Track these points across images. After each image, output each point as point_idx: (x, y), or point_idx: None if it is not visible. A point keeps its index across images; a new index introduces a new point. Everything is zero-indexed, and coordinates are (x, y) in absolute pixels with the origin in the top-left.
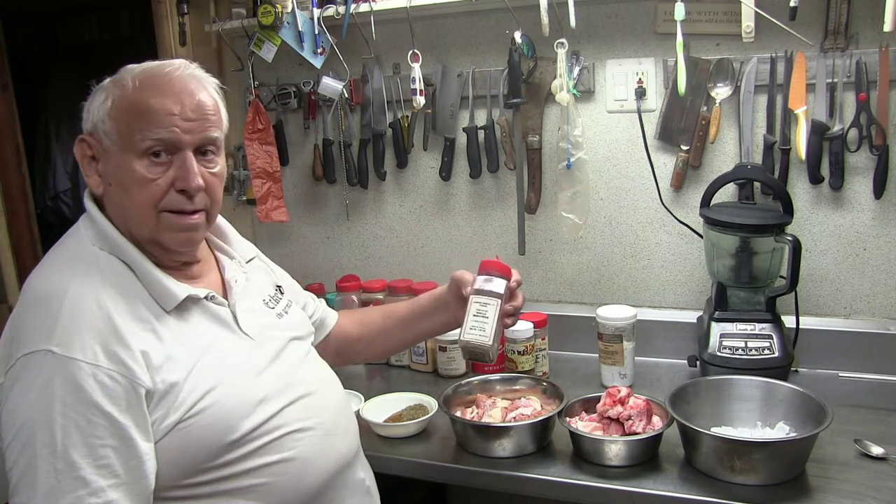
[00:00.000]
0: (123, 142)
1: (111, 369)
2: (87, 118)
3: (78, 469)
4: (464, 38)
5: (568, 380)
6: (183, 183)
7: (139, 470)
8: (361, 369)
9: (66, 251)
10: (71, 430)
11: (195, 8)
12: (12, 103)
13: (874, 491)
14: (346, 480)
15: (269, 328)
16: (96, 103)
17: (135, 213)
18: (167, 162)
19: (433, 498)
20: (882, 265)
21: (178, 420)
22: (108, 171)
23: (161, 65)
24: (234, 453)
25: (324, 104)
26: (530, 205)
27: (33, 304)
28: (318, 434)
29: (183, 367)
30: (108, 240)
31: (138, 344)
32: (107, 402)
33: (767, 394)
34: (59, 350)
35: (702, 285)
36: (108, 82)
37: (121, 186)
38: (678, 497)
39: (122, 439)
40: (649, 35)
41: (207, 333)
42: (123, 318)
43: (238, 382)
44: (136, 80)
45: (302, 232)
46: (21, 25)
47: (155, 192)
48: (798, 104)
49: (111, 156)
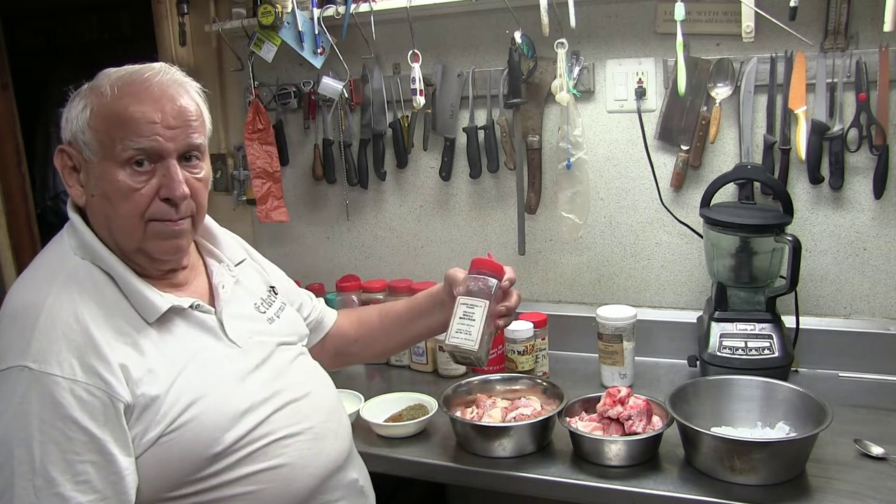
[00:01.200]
0: (104, 151)
1: (89, 384)
2: (66, 127)
3: (57, 486)
4: (464, 38)
5: (568, 380)
6: (168, 192)
7: (119, 485)
8: (361, 369)
9: (46, 262)
10: (49, 446)
11: (195, 8)
12: (12, 103)
13: (874, 491)
14: (338, 482)
15: (257, 334)
16: (74, 112)
17: (120, 224)
18: (150, 170)
19: (433, 498)
20: (882, 265)
21: (159, 434)
22: (91, 182)
23: (139, 69)
24: (218, 464)
25: (324, 104)
26: (530, 205)
27: (9, 319)
28: (306, 439)
29: (164, 379)
30: (90, 250)
31: (117, 357)
32: (85, 418)
33: (767, 394)
34: (35, 366)
35: (702, 285)
36: (85, 89)
37: (104, 197)
38: (678, 497)
39: (102, 454)
40: (649, 35)
41: (191, 344)
42: (102, 332)
43: (222, 393)
44: (114, 86)
45: (302, 232)
46: (21, 25)
47: (140, 202)
48: (798, 104)
49: (93, 166)
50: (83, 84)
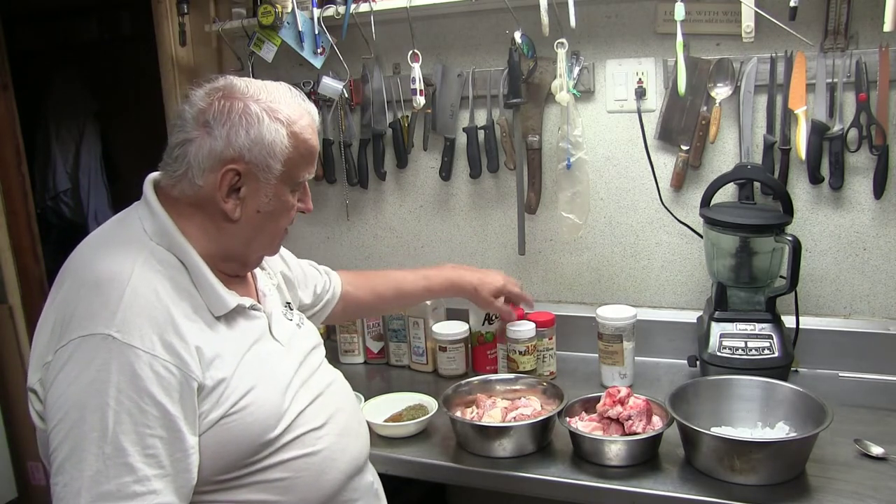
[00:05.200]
0: (285, 177)
1: (167, 360)
2: (245, 146)
3: (126, 455)
4: (464, 38)
5: (568, 380)
6: (305, 207)
7: (184, 462)
8: (361, 369)
9: (122, 237)
10: (123, 416)
11: (195, 8)
12: (12, 103)
13: (874, 491)
14: (358, 483)
15: (295, 336)
16: (265, 136)
17: (270, 235)
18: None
19: (433, 498)
20: (882, 265)
21: (221, 415)
22: (260, 200)
23: (295, 97)
24: (268, 450)
25: (324, 104)
26: (530, 205)
27: (93, 286)
28: (334, 433)
29: (230, 365)
30: (170, 238)
31: (193, 339)
32: (160, 393)
33: (767, 394)
34: (119, 336)
35: (702, 285)
36: (270, 112)
37: (270, 214)
38: (678, 497)
39: (172, 431)
40: (649, 35)
41: (248, 337)
42: (180, 313)
43: (274, 383)
44: (297, 115)
45: (302, 232)
46: (21, 25)
47: (292, 216)
48: (798, 104)
49: (268, 187)
50: (203, 89)
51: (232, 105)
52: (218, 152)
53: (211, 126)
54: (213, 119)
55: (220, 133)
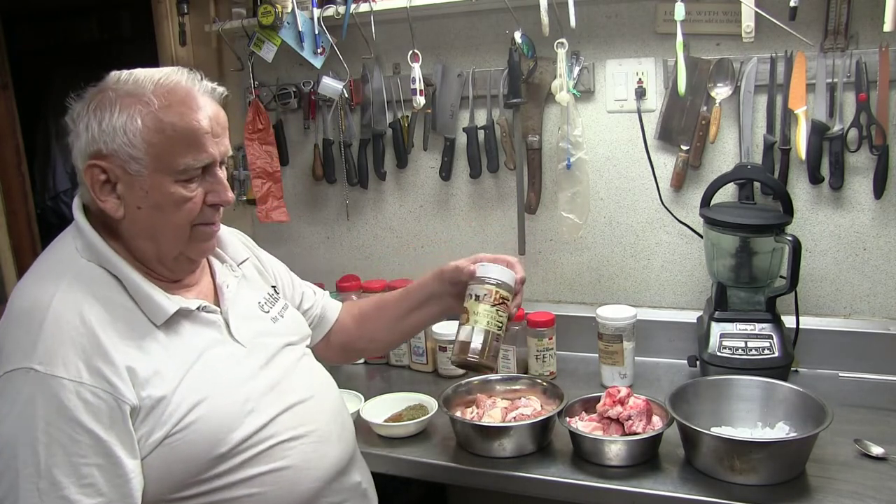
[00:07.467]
0: (158, 164)
1: (95, 386)
2: (100, 138)
3: (62, 488)
4: (464, 38)
5: (568, 380)
6: (216, 198)
7: (125, 488)
8: (361, 369)
9: (51, 263)
10: (54, 448)
11: (195, 8)
12: (12, 103)
13: (874, 491)
14: (340, 486)
15: (262, 334)
16: (116, 123)
17: (170, 232)
18: (198, 178)
19: (433, 498)
20: (882, 265)
21: (164, 435)
22: (136, 195)
23: (173, 77)
24: (223, 465)
25: (324, 104)
26: (530, 205)
27: (14, 319)
28: (310, 442)
29: (171, 381)
30: (97, 252)
31: (123, 360)
32: (91, 420)
33: (767, 394)
34: (41, 367)
35: (702, 285)
36: (125, 98)
37: (155, 209)
38: (678, 497)
39: (107, 457)
40: (649, 35)
41: (198, 344)
42: (108, 334)
43: (227, 393)
44: (160, 97)
45: (302, 232)
46: (21, 25)
47: (192, 210)
48: (798, 104)
49: (141, 179)
50: (86, 89)
51: (93, 97)
52: (82, 150)
53: (75, 124)
54: (76, 117)
55: (80, 129)
